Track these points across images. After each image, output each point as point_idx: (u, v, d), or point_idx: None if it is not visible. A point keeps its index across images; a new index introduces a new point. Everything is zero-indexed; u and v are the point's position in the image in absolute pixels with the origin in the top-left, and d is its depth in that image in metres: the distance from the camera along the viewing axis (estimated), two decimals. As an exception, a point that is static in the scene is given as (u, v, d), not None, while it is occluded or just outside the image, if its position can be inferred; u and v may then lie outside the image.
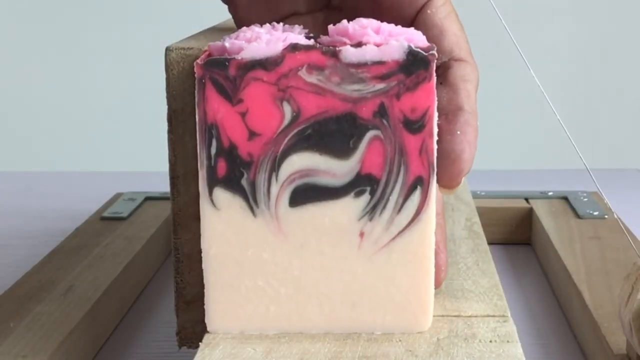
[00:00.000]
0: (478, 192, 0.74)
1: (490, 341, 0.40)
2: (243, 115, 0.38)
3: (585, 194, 0.74)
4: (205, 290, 0.41)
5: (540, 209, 0.70)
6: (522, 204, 0.72)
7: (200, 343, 0.40)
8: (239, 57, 0.38)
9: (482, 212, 0.65)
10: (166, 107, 0.42)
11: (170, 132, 0.42)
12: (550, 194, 0.74)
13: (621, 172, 0.96)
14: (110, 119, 1.27)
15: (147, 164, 0.92)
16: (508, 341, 0.40)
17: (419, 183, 0.39)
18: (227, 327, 0.41)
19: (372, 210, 0.39)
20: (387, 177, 0.39)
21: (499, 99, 1.26)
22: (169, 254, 0.68)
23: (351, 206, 0.39)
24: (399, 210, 0.39)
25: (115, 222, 0.68)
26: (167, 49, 0.41)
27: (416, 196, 0.39)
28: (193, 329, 0.44)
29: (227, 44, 0.39)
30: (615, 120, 1.28)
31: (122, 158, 1.24)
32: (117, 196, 0.75)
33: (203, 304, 0.42)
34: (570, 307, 0.56)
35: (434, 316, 0.41)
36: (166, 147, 0.43)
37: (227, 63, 0.38)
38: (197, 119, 0.39)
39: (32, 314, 0.50)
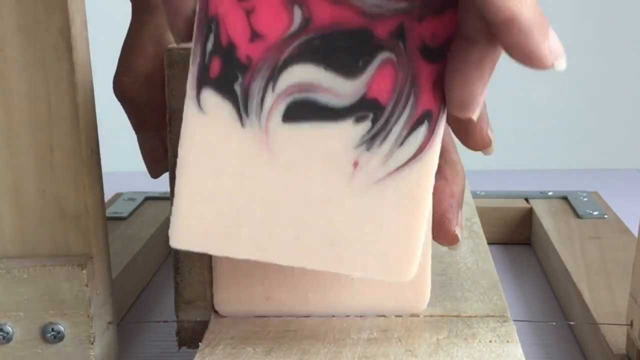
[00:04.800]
0: (478, 192, 0.74)
1: (490, 341, 0.40)
2: (249, 13, 0.34)
3: (585, 194, 0.74)
4: (174, 201, 0.36)
5: (540, 209, 0.70)
6: (522, 204, 0.72)
7: (200, 343, 0.40)
8: None
9: (482, 212, 0.65)
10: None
11: (170, 132, 0.42)
12: (550, 194, 0.74)
13: (621, 172, 0.96)
14: (110, 118, 1.27)
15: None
16: (508, 341, 0.40)
17: (427, 117, 0.35)
18: (191, 243, 0.36)
19: (371, 140, 0.35)
20: (393, 105, 0.35)
21: (499, 99, 1.26)
22: (169, 254, 0.68)
23: (349, 131, 0.35)
24: (401, 143, 0.35)
25: (115, 222, 0.68)
26: (167, 49, 0.41)
27: (421, 132, 0.35)
28: (193, 329, 0.44)
29: None
30: (615, 120, 1.28)
31: (122, 158, 1.24)
32: (117, 196, 0.75)
33: (203, 304, 0.42)
34: (570, 307, 0.56)
35: (433, 316, 0.40)
36: (166, 147, 0.43)
37: None
38: (197, 10, 0.34)
39: (32, 314, 0.50)
